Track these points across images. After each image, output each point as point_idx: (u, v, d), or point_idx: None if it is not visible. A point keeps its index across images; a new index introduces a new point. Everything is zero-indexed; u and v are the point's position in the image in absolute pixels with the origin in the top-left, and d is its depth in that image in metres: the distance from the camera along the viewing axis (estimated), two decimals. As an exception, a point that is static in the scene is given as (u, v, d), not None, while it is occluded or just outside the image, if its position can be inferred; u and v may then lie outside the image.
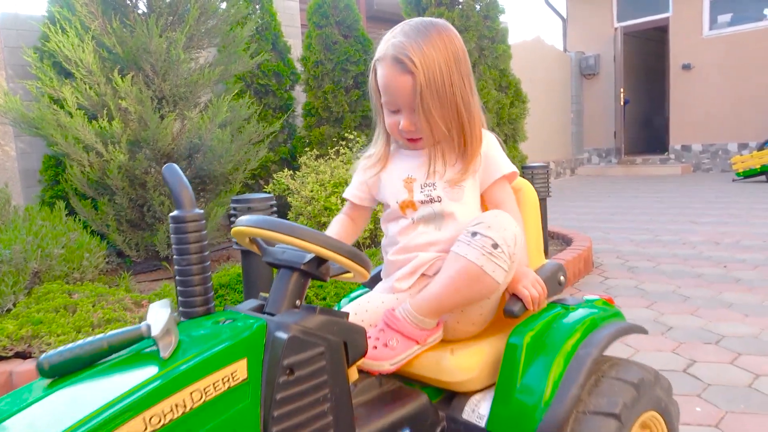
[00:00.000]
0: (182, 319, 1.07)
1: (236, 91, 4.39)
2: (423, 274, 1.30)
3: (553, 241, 4.49)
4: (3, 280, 2.72)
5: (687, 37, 10.98)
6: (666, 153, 11.59)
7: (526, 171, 3.73)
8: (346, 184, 4.20)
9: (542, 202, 3.47)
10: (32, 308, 2.59)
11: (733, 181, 8.88)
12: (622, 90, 11.85)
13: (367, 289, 1.51)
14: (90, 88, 3.63)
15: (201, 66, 4.06)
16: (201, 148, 3.85)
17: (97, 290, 2.90)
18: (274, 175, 4.27)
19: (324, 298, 2.85)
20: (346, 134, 4.80)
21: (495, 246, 1.13)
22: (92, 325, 2.48)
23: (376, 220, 4.02)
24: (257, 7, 5.47)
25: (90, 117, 3.69)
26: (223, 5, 4.15)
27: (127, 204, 3.76)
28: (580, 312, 1.24)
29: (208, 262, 1.06)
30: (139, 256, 3.92)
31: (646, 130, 13.09)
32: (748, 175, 8.59)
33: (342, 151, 4.43)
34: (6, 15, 4.47)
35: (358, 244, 4.02)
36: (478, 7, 5.41)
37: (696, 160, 11.10)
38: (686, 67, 11.01)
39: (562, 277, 1.30)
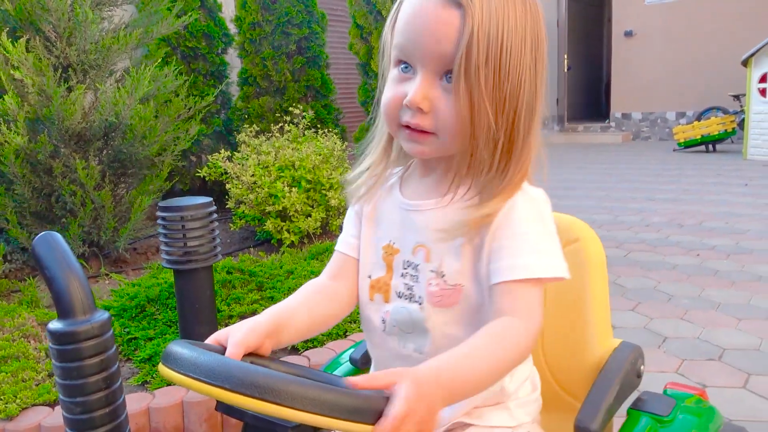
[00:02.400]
0: None
1: (160, 58, 3.76)
2: None
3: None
4: None
5: (629, 3, 10.88)
6: (607, 121, 11.62)
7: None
8: (294, 167, 3.74)
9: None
10: None
11: (674, 150, 8.94)
12: (565, 56, 11.70)
13: (351, 366, 1.09)
14: (-27, 53, 2.95)
15: (115, 27, 3.42)
16: (119, 126, 3.25)
17: (-11, 312, 2.34)
18: (210, 158, 3.72)
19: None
20: (289, 107, 4.27)
21: None
22: (-22, 368, 1.95)
23: (329, 208, 3.57)
24: (182, -43, 4.77)
25: (-24, 89, 3.01)
26: (141, -46, 3.50)
27: (29, 194, 3.15)
28: (680, 425, 0.86)
29: (121, 400, 0.62)
30: (48, 254, 3.33)
31: (587, 98, 13.09)
32: (689, 145, 8.66)
33: (287, 128, 3.92)
34: None
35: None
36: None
37: (636, 129, 11.17)
38: (628, 33, 10.95)
39: (642, 367, 0.93)
